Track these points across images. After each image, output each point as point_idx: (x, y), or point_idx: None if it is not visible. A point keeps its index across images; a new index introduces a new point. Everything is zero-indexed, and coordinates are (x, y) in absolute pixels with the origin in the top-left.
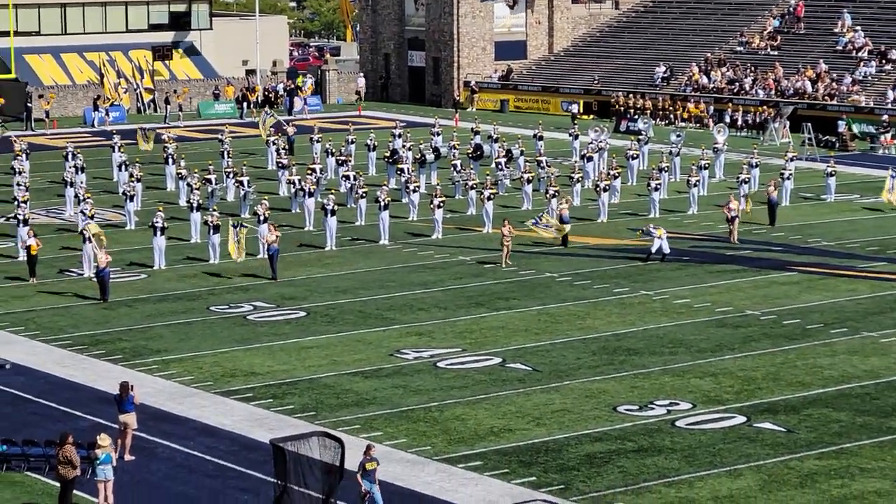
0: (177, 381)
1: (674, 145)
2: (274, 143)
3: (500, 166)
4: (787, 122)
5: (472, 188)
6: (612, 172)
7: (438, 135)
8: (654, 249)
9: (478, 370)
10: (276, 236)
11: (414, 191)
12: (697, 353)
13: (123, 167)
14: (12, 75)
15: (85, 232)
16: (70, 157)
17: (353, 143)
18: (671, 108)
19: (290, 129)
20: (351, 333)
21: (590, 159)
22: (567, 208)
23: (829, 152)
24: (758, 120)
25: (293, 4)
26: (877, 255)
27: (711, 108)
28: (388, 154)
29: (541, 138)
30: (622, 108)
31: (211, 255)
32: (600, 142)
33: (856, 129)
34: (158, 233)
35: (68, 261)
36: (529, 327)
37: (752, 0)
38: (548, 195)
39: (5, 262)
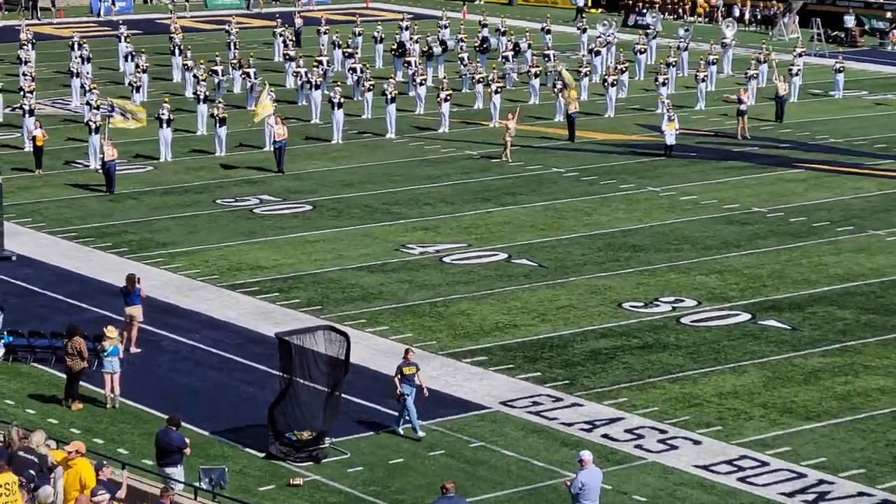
0: (183, 275)
1: (682, 39)
2: (280, 35)
3: (507, 60)
4: (797, 18)
5: (479, 81)
6: (619, 67)
7: (446, 27)
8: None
9: (483, 265)
10: (284, 129)
11: (421, 84)
12: (703, 250)
13: (129, 58)
14: None
15: (92, 123)
16: (76, 46)
17: (360, 35)
18: (680, 2)
19: (298, 21)
20: (357, 228)
21: (597, 53)
22: (575, 102)
23: (837, 48)
24: (767, 14)
25: None
26: (884, 152)
27: (720, 2)
28: (395, 47)
29: (548, 32)
30: (631, 2)
31: (217, 147)
32: (608, 36)
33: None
34: (164, 124)
35: (74, 152)
36: (535, 223)
37: None
38: (555, 89)
39: (11, 152)
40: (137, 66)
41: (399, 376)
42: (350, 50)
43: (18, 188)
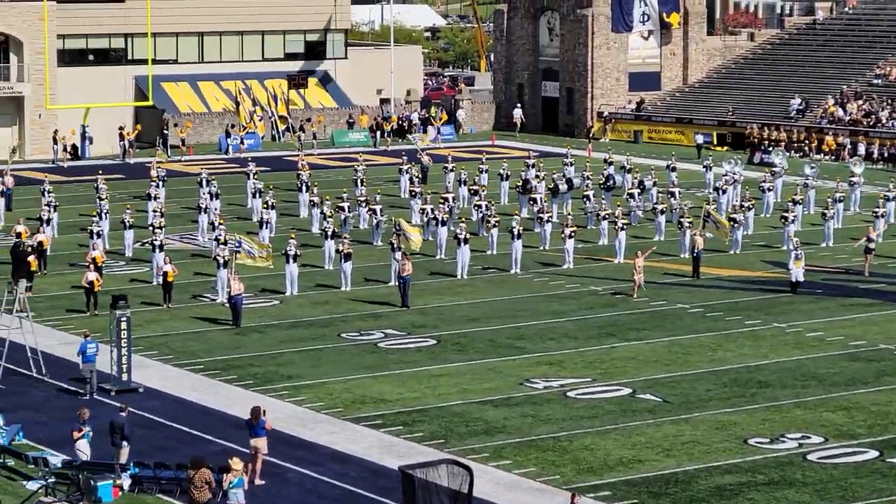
0: (307, 407)
1: (809, 177)
2: (407, 172)
3: (632, 197)
4: None
5: (604, 218)
6: (745, 204)
7: (571, 165)
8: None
9: (608, 400)
10: (408, 265)
11: (547, 221)
12: (830, 386)
13: (257, 194)
14: (150, 103)
15: (220, 258)
16: (204, 183)
17: (485, 172)
18: (806, 141)
19: (425, 158)
20: (481, 362)
21: (724, 191)
22: (701, 239)
23: None
24: (894, 153)
25: (428, 35)
26: None
27: (847, 140)
28: (520, 184)
29: (673, 169)
30: (756, 140)
31: (343, 282)
32: (735, 174)
33: None
34: (291, 260)
35: (201, 286)
36: (660, 358)
37: (889, 33)
38: (681, 227)
39: (141, 286)
40: (266, 202)
41: None
42: (476, 187)
43: (146, 321)
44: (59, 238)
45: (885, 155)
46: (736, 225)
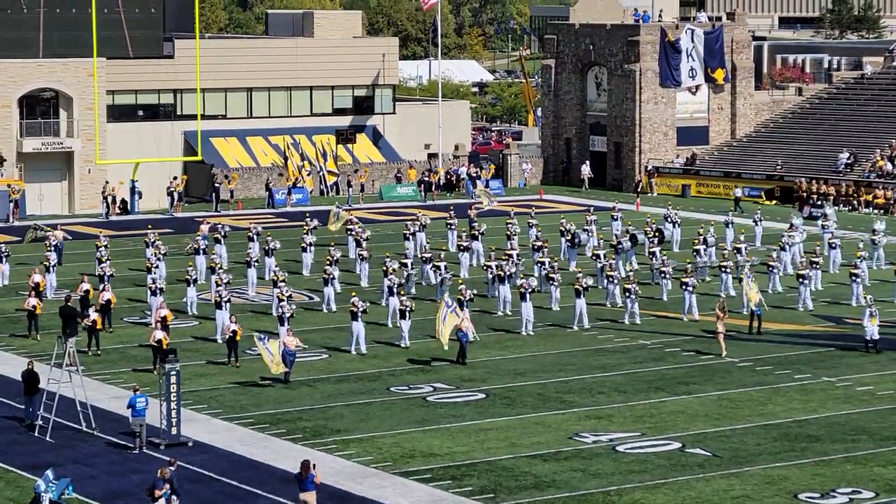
0: (356, 461)
1: (878, 233)
2: (453, 227)
3: (698, 253)
4: None
5: (663, 274)
6: (813, 261)
7: (616, 220)
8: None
9: (657, 454)
10: (466, 322)
11: (610, 280)
12: (880, 440)
13: (308, 248)
14: (199, 158)
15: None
16: (255, 237)
17: (533, 227)
18: (854, 195)
19: (472, 212)
20: (530, 416)
21: (783, 248)
22: (757, 296)
23: None
24: None
25: (475, 90)
26: None
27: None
28: (569, 237)
29: (729, 224)
30: (805, 194)
31: (402, 338)
32: (799, 230)
33: None
34: (358, 317)
35: (249, 341)
36: (709, 412)
37: None
38: (742, 282)
39: (203, 344)
40: (329, 258)
41: None
42: (539, 242)
43: (195, 375)
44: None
45: None
46: (805, 281)
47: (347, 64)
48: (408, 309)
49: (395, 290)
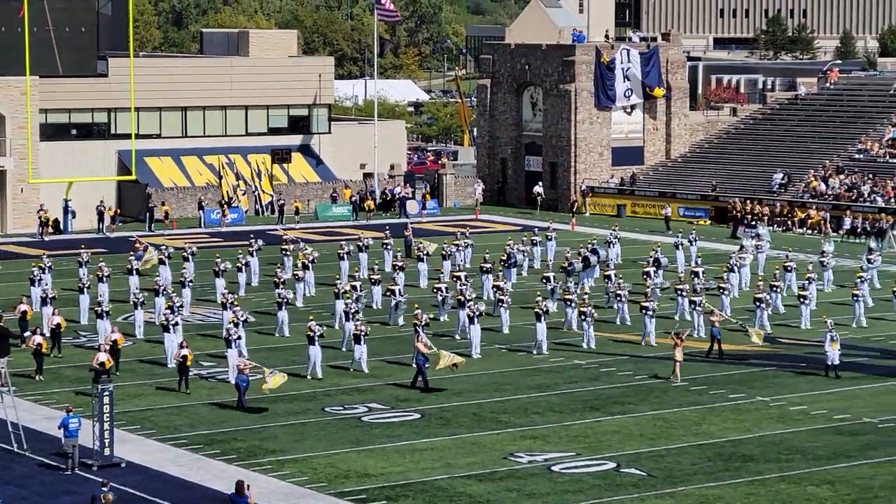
0: (291, 482)
1: (826, 255)
2: (389, 247)
3: (649, 275)
4: None
5: (620, 297)
6: (773, 284)
7: (551, 240)
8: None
9: (592, 474)
10: (427, 346)
11: (567, 304)
12: (814, 460)
13: (244, 268)
14: (133, 177)
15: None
16: (190, 257)
17: (468, 247)
18: (788, 215)
19: (408, 232)
20: (465, 436)
21: (732, 270)
22: (717, 320)
23: None
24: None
25: (411, 109)
26: None
27: (827, 215)
28: (504, 258)
29: (677, 247)
30: (739, 214)
31: (361, 364)
32: (750, 251)
33: None
34: (315, 341)
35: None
36: (644, 432)
37: (870, 108)
38: (697, 308)
39: (150, 367)
40: (276, 282)
41: None
42: (489, 265)
43: (128, 395)
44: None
45: (868, 229)
46: (762, 304)
47: (283, 83)
48: (363, 334)
49: (350, 314)
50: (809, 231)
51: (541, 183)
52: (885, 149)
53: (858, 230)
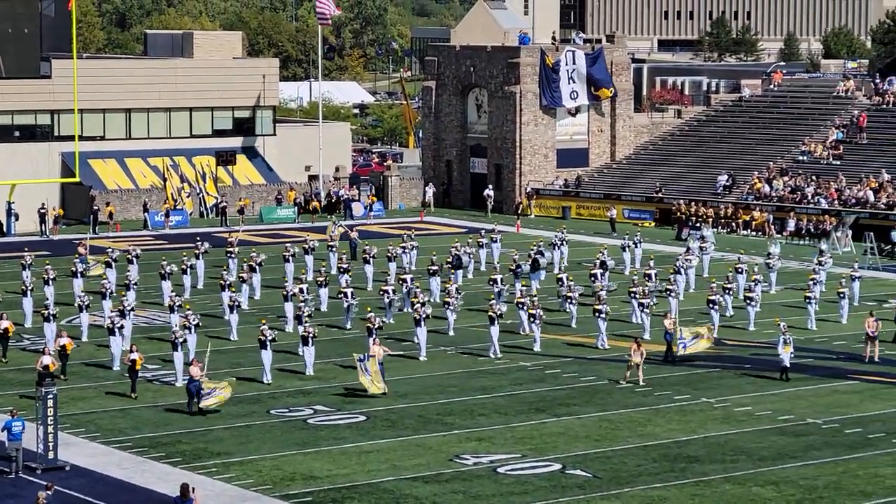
0: (236, 485)
1: (772, 257)
2: (334, 249)
3: (595, 277)
4: (850, 232)
5: (572, 300)
6: (726, 286)
7: (496, 242)
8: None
9: (538, 476)
10: (384, 350)
11: (520, 307)
12: (759, 461)
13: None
14: (76, 179)
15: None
16: (135, 260)
17: (414, 249)
18: (733, 217)
19: (353, 234)
20: (411, 438)
21: (679, 272)
22: (669, 324)
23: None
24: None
25: (356, 111)
26: None
27: (770, 216)
28: (449, 260)
29: (624, 249)
30: (684, 216)
31: (307, 366)
32: (695, 253)
33: None
34: (266, 346)
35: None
36: (590, 433)
37: (814, 110)
38: (645, 310)
39: (96, 370)
40: (222, 284)
41: None
42: (434, 268)
43: (73, 398)
44: None
45: (812, 231)
46: (715, 307)
47: (227, 85)
48: (310, 336)
49: (302, 317)
50: (754, 233)
51: (491, 186)
52: (829, 150)
53: (802, 232)
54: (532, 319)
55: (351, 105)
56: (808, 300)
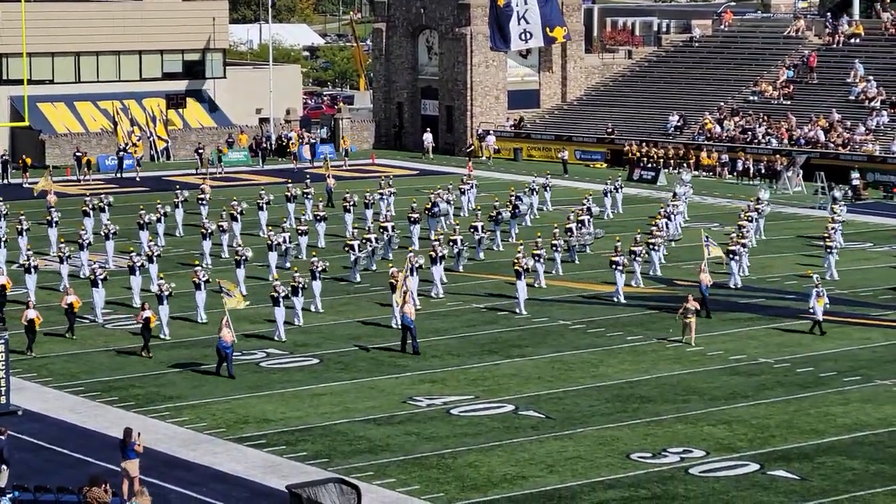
0: (189, 428)
1: (762, 202)
2: (310, 197)
3: (583, 224)
4: (801, 171)
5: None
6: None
7: (471, 188)
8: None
9: (491, 417)
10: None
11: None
12: (710, 400)
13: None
14: (26, 123)
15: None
16: (107, 208)
17: (392, 195)
18: (684, 158)
19: (330, 181)
20: (364, 380)
21: (669, 218)
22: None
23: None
24: (773, 168)
25: (306, 54)
26: (890, 303)
27: (726, 157)
28: (428, 206)
29: (606, 194)
30: (635, 157)
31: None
32: (683, 198)
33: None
34: (279, 303)
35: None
36: (542, 375)
37: (764, 50)
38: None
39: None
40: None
41: None
42: (416, 215)
43: (24, 343)
44: None
45: (762, 171)
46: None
47: (177, 28)
48: (300, 286)
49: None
50: (704, 173)
51: (429, 129)
52: (780, 91)
53: (752, 172)
54: (537, 259)
55: (301, 47)
56: (828, 250)
